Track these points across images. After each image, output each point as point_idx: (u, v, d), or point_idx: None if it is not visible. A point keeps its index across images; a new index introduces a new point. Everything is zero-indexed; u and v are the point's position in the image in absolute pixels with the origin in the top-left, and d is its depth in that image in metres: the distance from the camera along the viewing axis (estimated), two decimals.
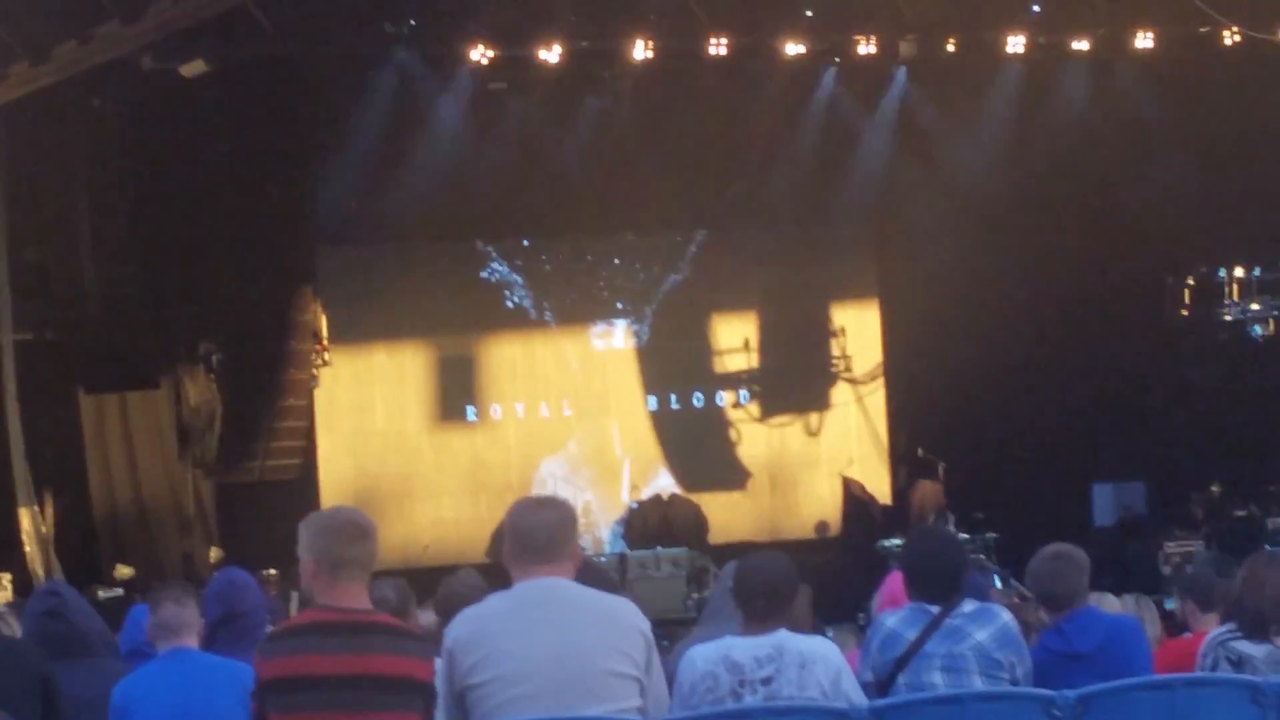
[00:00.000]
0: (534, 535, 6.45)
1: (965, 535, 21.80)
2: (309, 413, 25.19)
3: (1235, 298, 25.70)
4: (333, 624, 6.19)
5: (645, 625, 6.49)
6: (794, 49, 22.49)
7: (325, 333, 24.82)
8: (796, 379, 27.25)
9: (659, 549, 24.43)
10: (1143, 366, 26.50)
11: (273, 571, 21.06)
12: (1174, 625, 10.38)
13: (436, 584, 8.46)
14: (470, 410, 26.51)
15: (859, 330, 27.36)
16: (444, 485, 26.17)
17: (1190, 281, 26.14)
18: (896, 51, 22.98)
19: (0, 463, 20.83)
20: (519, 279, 26.59)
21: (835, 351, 27.33)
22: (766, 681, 6.95)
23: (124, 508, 23.15)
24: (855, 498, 26.73)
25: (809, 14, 22.51)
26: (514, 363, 26.63)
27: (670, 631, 12.37)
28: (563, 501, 6.76)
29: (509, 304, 26.60)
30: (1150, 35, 22.56)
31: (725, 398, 27.15)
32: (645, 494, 26.46)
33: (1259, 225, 24.70)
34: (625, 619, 6.45)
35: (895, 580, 8.33)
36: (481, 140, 24.36)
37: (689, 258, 26.99)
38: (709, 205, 26.21)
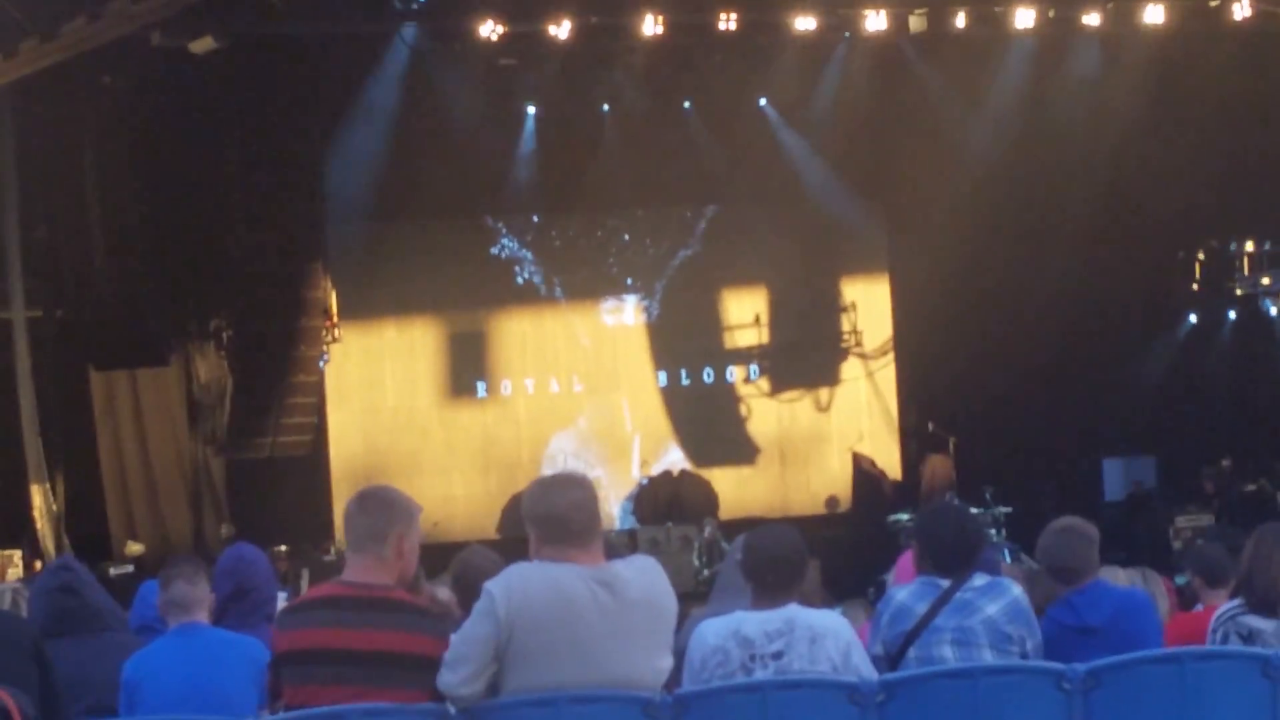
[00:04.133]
0: (569, 520, 6.23)
1: (974, 510, 21.78)
2: (319, 389, 25.23)
3: (1246, 272, 25.68)
4: (347, 599, 6.21)
5: (672, 594, 6.47)
6: (804, 24, 22.44)
7: (335, 309, 24.83)
8: (807, 354, 27.23)
9: (669, 524, 24.46)
10: (1153, 341, 26.50)
11: (283, 548, 21.11)
12: (1186, 600, 10.37)
13: (445, 560, 8.46)
14: (480, 386, 26.54)
15: (869, 305, 27.34)
16: (454, 461, 26.20)
17: (1201, 256, 26.14)
18: (906, 26, 22.91)
19: (12, 440, 20.88)
20: (529, 255, 26.60)
21: (846, 327, 27.31)
22: (777, 656, 6.95)
23: (134, 484, 23.22)
24: (865, 473, 26.74)
25: None
26: (524, 339, 26.65)
27: (681, 606, 12.38)
28: (584, 477, 6.58)
29: (519, 280, 26.61)
30: (1160, 8, 22.49)
31: (735, 373, 27.15)
32: (655, 469, 26.47)
33: (1270, 199, 24.65)
34: (669, 606, 6.41)
35: (909, 558, 8.31)
36: (491, 116, 24.35)
37: (699, 233, 26.98)
38: (719, 180, 26.18)
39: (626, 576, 6.28)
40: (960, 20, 22.65)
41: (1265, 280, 25.54)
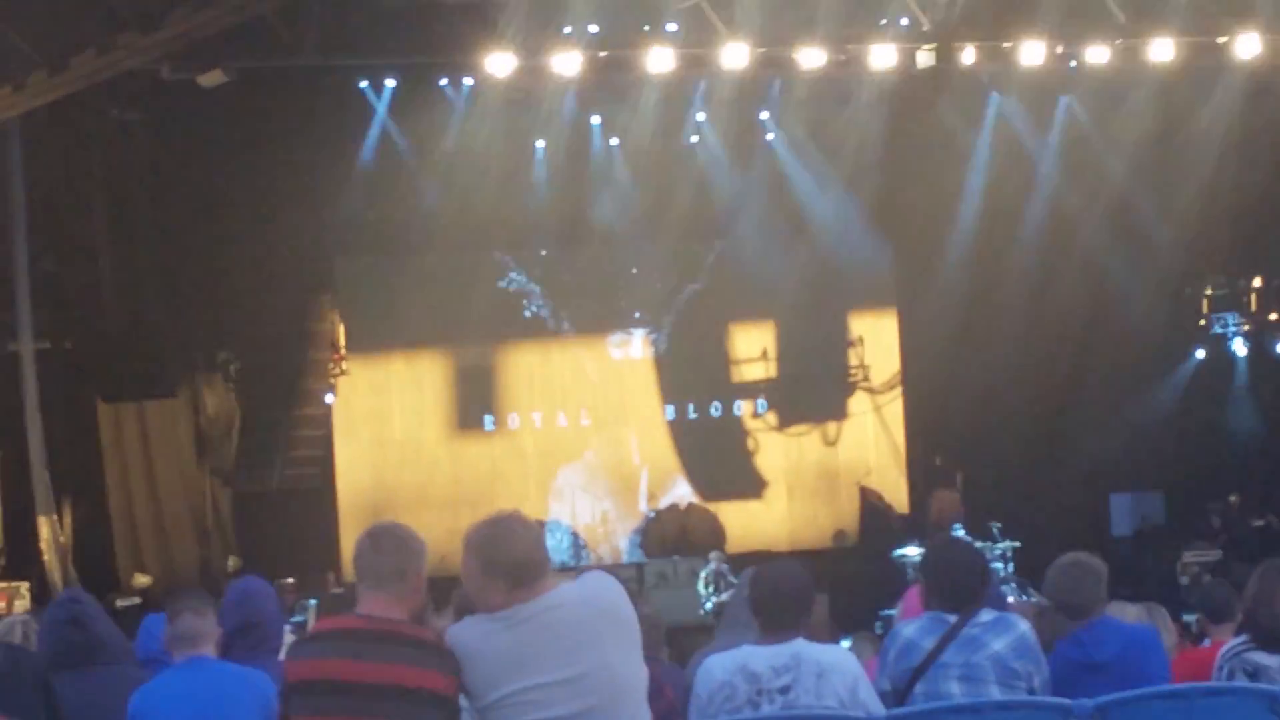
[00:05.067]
0: (535, 559, 6.21)
1: (981, 544, 21.72)
2: (327, 422, 25.21)
3: (1254, 308, 25.67)
4: (359, 631, 6.22)
5: (628, 602, 6.42)
6: (812, 59, 22.45)
7: (343, 342, 24.84)
8: (814, 388, 27.22)
9: (676, 557, 24.42)
10: (1161, 376, 26.47)
11: (290, 580, 21.08)
12: (1192, 635, 10.36)
13: (451, 593, 8.46)
14: (488, 419, 26.52)
15: (877, 339, 27.32)
16: (461, 494, 26.13)
17: (1209, 292, 26.12)
18: (914, 62, 22.91)
19: (20, 472, 20.88)
20: (537, 288, 26.59)
21: (853, 361, 27.30)
22: (784, 691, 6.93)
23: (142, 516, 23.20)
24: (873, 507, 26.69)
25: (827, 24, 22.45)
26: (531, 372, 26.63)
27: (688, 640, 12.36)
28: (519, 513, 6.56)
29: (527, 314, 26.60)
30: (1168, 45, 22.51)
31: (743, 407, 27.12)
32: (663, 503, 26.45)
33: (1278, 236, 24.65)
34: (625, 611, 6.35)
35: (916, 593, 8.30)
36: (500, 150, 24.35)
37: (707, 267, 26.97)
38: (727, 215, 26.17)
39: (575, 592, 6.28)
40: (968, 56, 22.65)
41: (1273, 316, 25.53)
